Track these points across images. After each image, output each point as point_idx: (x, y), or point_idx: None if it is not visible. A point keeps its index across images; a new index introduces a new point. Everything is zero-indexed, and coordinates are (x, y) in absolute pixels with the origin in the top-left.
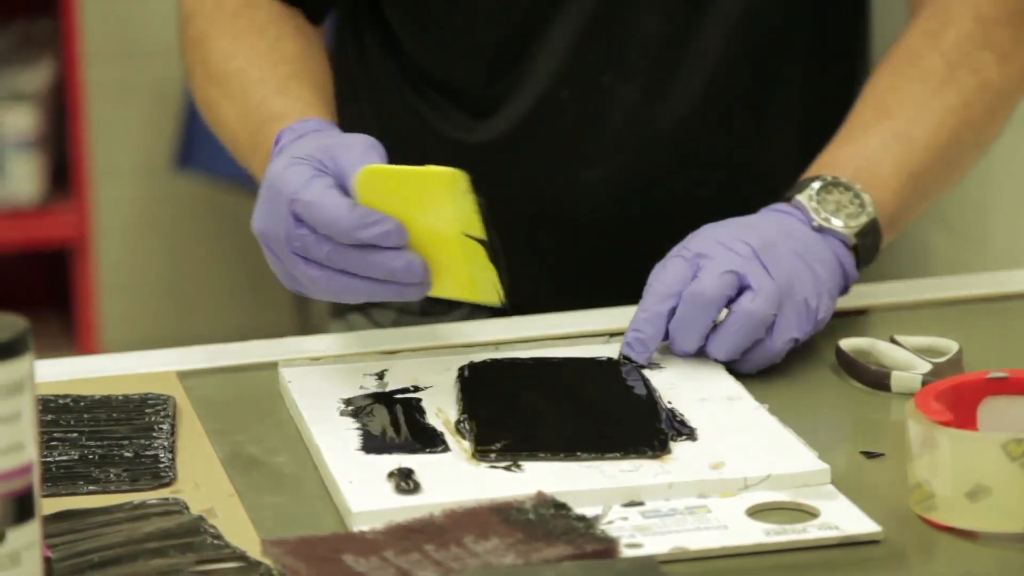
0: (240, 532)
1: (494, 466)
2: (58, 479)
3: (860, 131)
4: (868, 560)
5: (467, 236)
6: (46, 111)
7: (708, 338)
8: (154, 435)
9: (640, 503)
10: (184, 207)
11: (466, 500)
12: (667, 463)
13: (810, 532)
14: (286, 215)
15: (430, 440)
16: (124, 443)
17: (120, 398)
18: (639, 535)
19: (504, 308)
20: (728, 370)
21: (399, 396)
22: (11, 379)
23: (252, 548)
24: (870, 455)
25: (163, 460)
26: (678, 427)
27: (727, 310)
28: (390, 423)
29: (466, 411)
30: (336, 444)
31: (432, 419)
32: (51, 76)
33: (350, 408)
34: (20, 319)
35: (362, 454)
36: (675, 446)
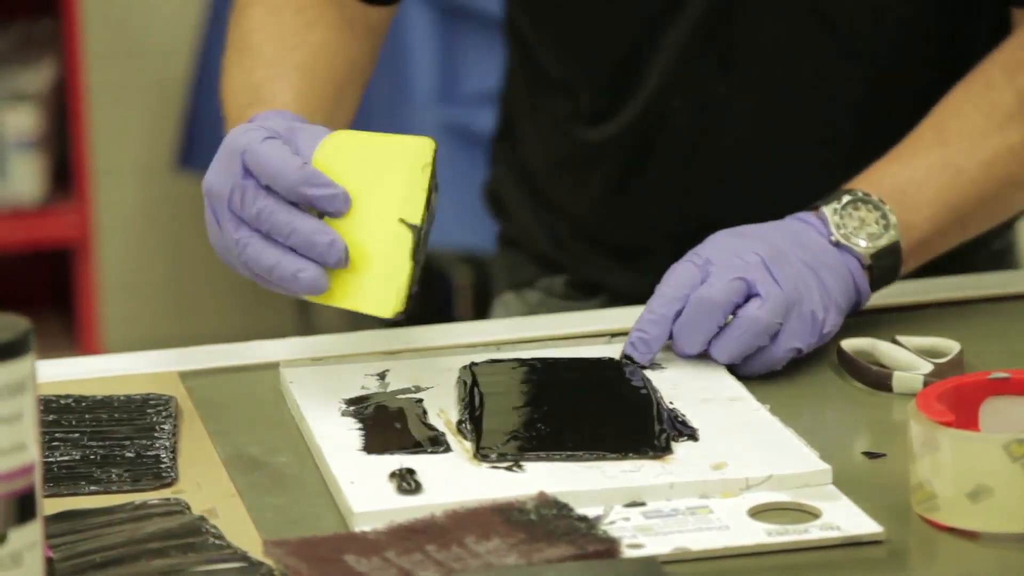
0: (241, 532)
1: (496, 466)
2: (60, 479)
3: (911, 152)
4: (870, 560)
5: (401, 222)
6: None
7: (711, 341)
8: (156, 435)
9: (642, 503)
10: (185, 207)
11: (468, 500)
12: (669, 463)
13: (812, 532)
14: (236, 170)
15: (432, 440)
16: (126, 443)
17: (122, 398)
18: (641, 535)
19: (396, 319)
20: (729, 371)
21: (401, 396)
22: (13, 379)
23: (254, 548)
24: (872, 455)
25: (164, 460)
26: (680, 427)
27: (732, 316)
28: (391, 423)
29: (468, 411)
30: (337, 444)
31: (434, 419)
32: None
33: (351, 408)
34: (22, 319)
35: (363, 454)
36: (677, 446)
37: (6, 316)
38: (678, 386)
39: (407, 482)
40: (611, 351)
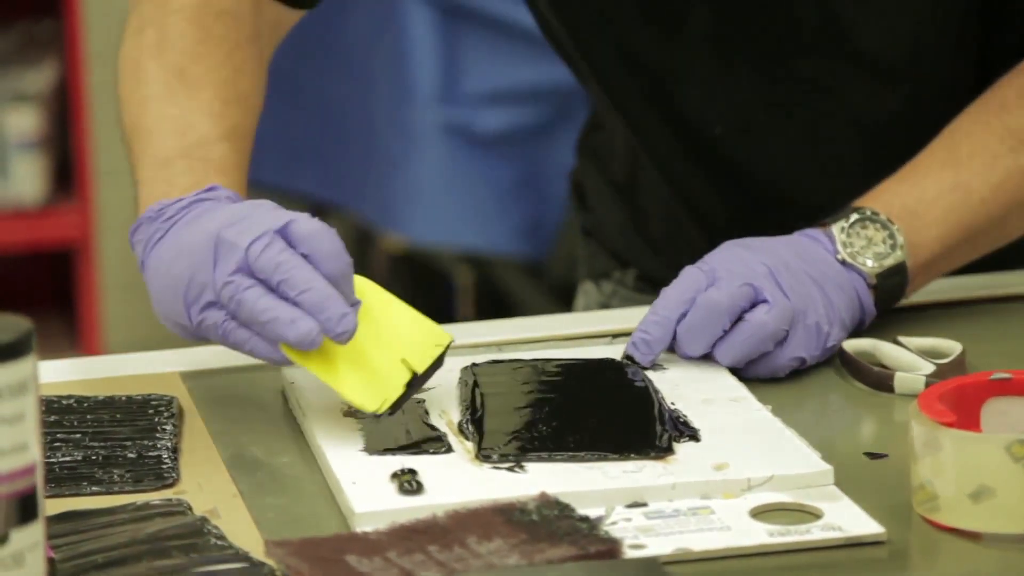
0: (243, 533)
1: (497, 467)
2: (61, 480)
3: (923, 171)
4: (871, 561)
5: (403, 361)
6: (49, 112)
7: (716, 344)
8: (157, 436)
9: (643, 504)
10: None
11: (469, 501)
12: (670, 464)
13: (813, 533)
14: (268, 220)
15: (433, 441)
16: (127, 444)
17: (123, 399)
18: (642, 536)
19: (376, 415)
20: (731, 372)
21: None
22: (14, 380)
23: (255, 549)
24: (873, 456)
25: (166, 461)
26: (681, 428)
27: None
28: (393, 424)
29: (469, 412)
30: (339, 445)
31: (435, 420)
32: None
33: (353, 409)
34: (23, 320)
35: (365, 455)
36: (678, 447)
37: (7, 317)
38: (679, 387)
39: (409, 482)
40: (613, 352)
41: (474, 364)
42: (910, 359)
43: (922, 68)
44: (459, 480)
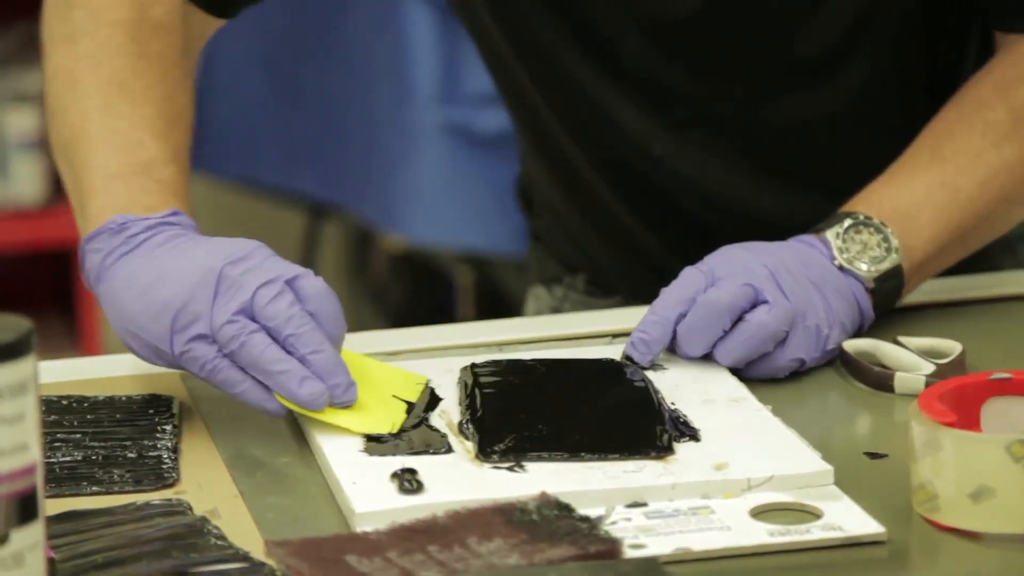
0: (243, 533)
1: (497, 467)
2: (61, 480)
3: (908, 172)
4: (871, 561)
5: (395, 397)
6: None
7: (717, 344)
8: (157, 436)
9: (643, 504)
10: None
11: (469, 501)
12: (670, 464)
13: (813, 533)
14: (280, 269)
15: (433, 441)
16: (127, 444)
17: (123, 399)
18: (642, 536)
19: (383, 437)
20: (731, 372)
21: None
22: (15, 380)
23: (256, 549)
24: (873, 456)
25: (166, 461)
26: (681, 428)
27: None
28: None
29: (469, 412)
30: (339, 445)
31: (435, 420)
32: None
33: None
34: (24, 320)
35: (365, 455)
36: (678, 447)
37: (8, 317)
38: (680, 387)
39: (409, 482)
40: (612, 352)
41: (474, 364)
42: (910, 359)
43: (859, 68)
44: (459, 480)
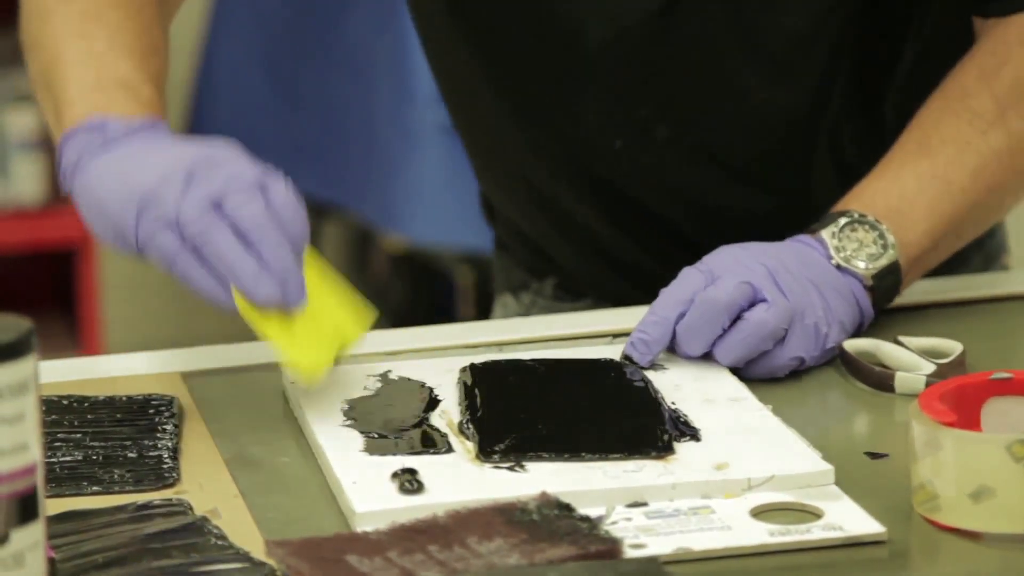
0: (244, 533)
1: (498, 467)
2: (62, 480)
3: (897, 166)
4: (872, 561)
5: (335, 330)
6: None
7: (716, 343)
8: (158, 436)
9: (644, 504)
10: None
11: (470, 500)
12: (671, 464)
13: (814, 533)
14: (248, 172)
15: (434, 441)
16: (128, 444)
17: (124, 399)
18: (643, 536)
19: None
20: (731, 372)
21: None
22: (15, 380)
23: (256, 549)
24: (874, 456)
25: (167, 461)
26: (682, 428)
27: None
28: (394, 424)
29: (470, 412)
30: (340, 445)
31: (436, 420)
32: None
33: (354, 409)
34: (24, 320)
35: (365, 455)
36: (679, 447)
37: (8, 317)
38: (680, 387)
39: (409, 482)
40: (612, 352)
41: (474, 364)
42: (910, 359)
43: (822, 61)
44: (459, 480)
